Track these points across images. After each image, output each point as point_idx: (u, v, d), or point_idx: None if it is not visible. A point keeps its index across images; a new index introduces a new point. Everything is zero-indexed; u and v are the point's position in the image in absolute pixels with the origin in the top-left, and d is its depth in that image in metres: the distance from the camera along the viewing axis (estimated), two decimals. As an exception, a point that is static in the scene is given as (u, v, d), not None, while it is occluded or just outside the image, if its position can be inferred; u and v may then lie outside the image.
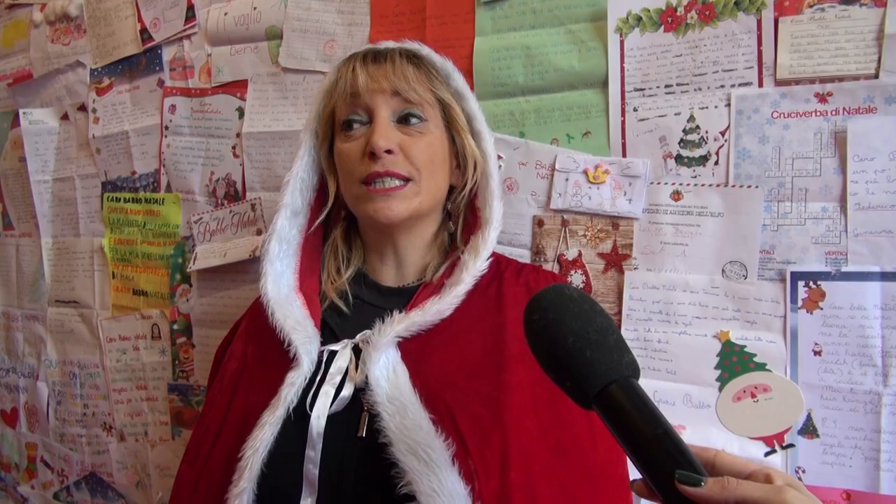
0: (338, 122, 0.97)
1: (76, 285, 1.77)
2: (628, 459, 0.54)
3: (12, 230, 1.93)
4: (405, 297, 0.95)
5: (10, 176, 1.90)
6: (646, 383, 1.10)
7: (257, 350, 0.97)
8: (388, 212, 0.91)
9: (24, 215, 1.89)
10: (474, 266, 0.93)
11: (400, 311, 0.91)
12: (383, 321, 0.89)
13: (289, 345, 0.88)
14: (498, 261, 0.99)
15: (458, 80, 1.00)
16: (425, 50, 0.99)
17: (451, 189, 1.02)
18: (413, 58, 0.97)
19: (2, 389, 1.99)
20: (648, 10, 1.12)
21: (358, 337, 0.91)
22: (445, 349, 0.88)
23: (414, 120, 0.93)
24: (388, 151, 0.90)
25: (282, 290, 0.97)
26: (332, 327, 0.96)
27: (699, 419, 1.09)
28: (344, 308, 0.98)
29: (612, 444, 0.88)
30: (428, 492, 0.74)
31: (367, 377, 0.84)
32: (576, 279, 1.17)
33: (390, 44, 0.99)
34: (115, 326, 1.69)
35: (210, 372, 1.16)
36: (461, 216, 1.02)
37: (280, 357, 0.89)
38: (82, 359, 1.76)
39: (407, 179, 0.92)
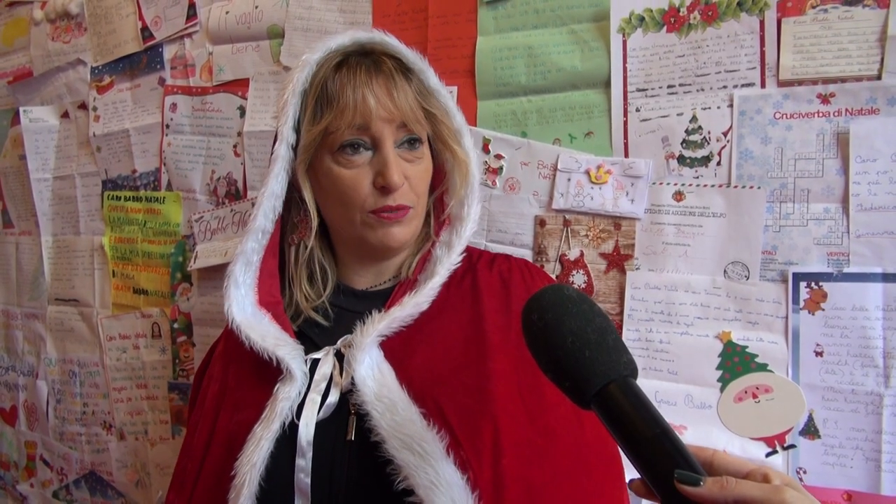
0: (333, 142, 0.89)
1: (76, 284, 1.77)
2: (627, 458, 0.54)
3: (12, 228, 1.93)
4: (382, 298, 0.95)
5: (10, 174, 1.90)
6: (647, 383, 1.10)
7: (238, 370, 0.95)
8: (399, 236, 0.92)
9: (24, 213, 1.89)
10: (448, 260, 0.93)
11: (379, 312, 0.90)
12: (363, 323, 0.88)
13: (277, 363, 0.87)
14: (470, 253, 0.98)
15: (432, 75, 0.95)
16: (396, 42, 0.94)
17: None
18: (402, 66, 0.93)
19: (1, 388, 2.00)
20: (651, 11, 1.12)
21: (339, 342, 0.90)
22: (427, 345, 0.88)
23: (415, 144, 0.92)
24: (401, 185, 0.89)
25: (246, 310, 0.94)
26: (310, 337, 0.95)
27: (700, 420, 1.09)
28: (324, 322, 0.96)
29: (598, 421, 0.88)
30: (426, 484, 0.74)
31: (352, 379, 0.83)
32: (578, 279, 1.17)
33: (360, 35, 0.93)
34: (115, 325, 1.69)
35: (190, 396, 1.13)
36: (433, 214, 1.01)
37: (264, 373, 0.89)
38: (82, 357, 1.76)
39: (410, 207, 0.92)
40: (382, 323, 0.87)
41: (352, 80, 0.88)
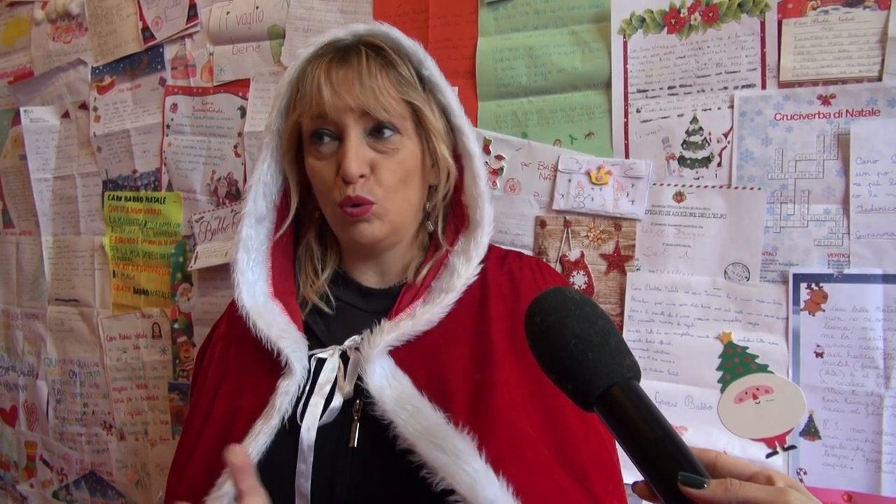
0: (305, 134, 0.92)
1: (76, 284, 1.77)
2: (630, 461, 0.54)
3: (12, 228, 1.93)
4: (388, 299, 0.94)
5: (10, 174, 1.90)
6: (647, 384, 1.10)
7: (240, 353, 0.94)
8: (364, 233, 0.90)
9: (24, 213, 1.89)
10: (466, 271, 0.91)
11: (385, 315, 0.89)
12: (371, 330, 0.87)
13: (278, 354, 0.86)
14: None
15: (431, 66, 0.94)
16: (394, 34, 0.92)
17: (430, 188, 0.98)
18: (381, 56, 0.90)
19: (1, 388, 1.99)
20: (652, 12, 1.12)
21: (346, 343, 0.89)
22: (433, 352, 0.87)
23: (387, 132, 0.88)
24: (361, 175, 0.87)
25: (258, 299, 0.94)
26: (316, 333, 0.94)
27: (701, 420, 1.09)
28: (327, 310, 0.96)
29: (602, 434, 0.87)
30: (467, 481, 0.73)
31: (362, 388, 0.82)
32: (578, 280, 1.17)
33: (358, 28, 0.93)
34: (115, 325, 1.69)
35: (192, 377, 1.13)
36: (441, 215, 0.99)
37: (266, 362, 0.88)
38: (82, 357, 1.76)
39: (372, 202, 0.88)
40: (391, 335, 0.85)
41: (313, 70, 0.89)
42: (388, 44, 0.92)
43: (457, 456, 0.74)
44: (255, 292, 0.95)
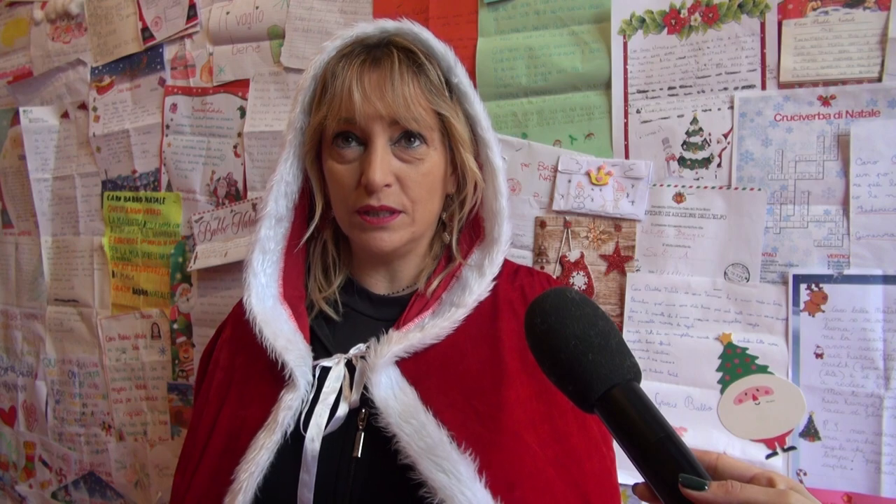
0: (328, 134, 0.90)
1: (75, 284, 1.77)
2: (630, 462, 0.54)
3: (11, 228, 1.93)
4: (397, 307, 0.93)
5: (9, 174, 1.89)
6: (647, 385, 1.10)
7: (245, 362, 0.93)
8: (382, 243, 0.89)
9: (23, 213, 1.89)
10: (479, 287, 0.90)
11: (393, 323, 0.89)
12: (378, 339, 0.86)
13: (282, 367, 0.85)
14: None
15: (461, 74, 0.93)
16: (424, 35, 0.91)
17: (447, 196, 0.97)
18: (413, 61, 0.88)
19: (0, 388, 1.99)
20: (652, 12, 1.12)
21: (352, 352, 0.88)
22: (442, 367, 0.86)
23: (415, 142, 0.87)
24: (386, 185, 0.86)
25: (266, 302, 0.93)
26: (321, 339, 0.92)
27: (701, 421, 1.09)
28: (334, 316, 0.94)
29: (604, 453, 0.87)
30: None
31: (367, 398, 0.81)
32: (578, 281, 1.17)
33: (387, 24, 0.92)
34: (114, 325, 1.69)
35: (196, 378, 1.12)
36: (457, 227, 0.98)
37: (271, 370, 0.87)
38: (81, 358, 1.76)
39: (400, 211, 0.88)
40: (399, 346, 0.84)
41: (343, 72, 0.87)
42: (418, 46, 0.90)
43: (458, 479, 0.74)
44: (264, 296, 0.93)
